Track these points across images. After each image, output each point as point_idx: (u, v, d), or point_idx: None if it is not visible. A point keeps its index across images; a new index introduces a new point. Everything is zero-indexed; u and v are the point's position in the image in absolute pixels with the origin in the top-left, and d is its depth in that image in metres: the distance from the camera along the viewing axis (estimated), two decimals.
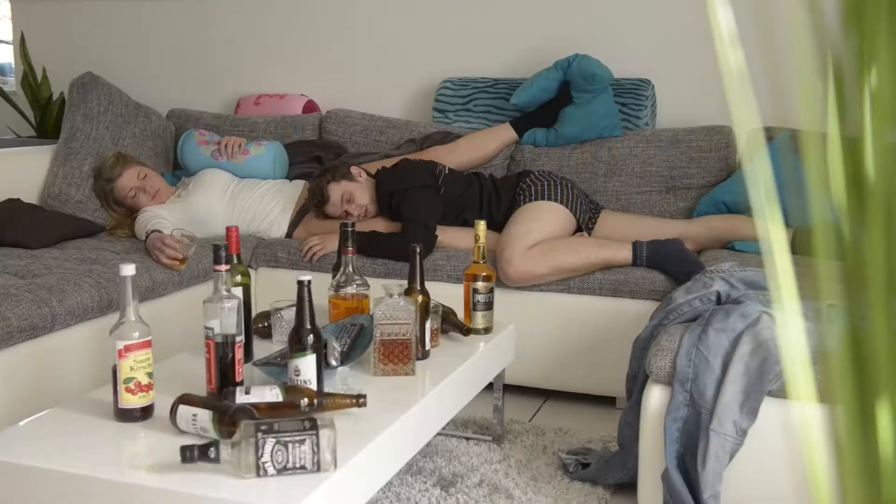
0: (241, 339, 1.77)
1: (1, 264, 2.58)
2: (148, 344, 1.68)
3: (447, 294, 2.58)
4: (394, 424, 1.70)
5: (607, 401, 2.88)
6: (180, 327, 2.75)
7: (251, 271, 3.17)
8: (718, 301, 2.08)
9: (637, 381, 2.19)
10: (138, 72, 4.33)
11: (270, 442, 1.44)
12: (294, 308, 2.23)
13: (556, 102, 3.40)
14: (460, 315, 2.35)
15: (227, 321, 1.75)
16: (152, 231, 2.86)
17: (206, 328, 1.76)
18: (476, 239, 2.33)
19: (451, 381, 2.01)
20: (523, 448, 2.47)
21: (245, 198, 3.28)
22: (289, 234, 3.25)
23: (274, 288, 2.88)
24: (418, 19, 3.88)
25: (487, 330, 2.34)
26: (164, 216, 3.07)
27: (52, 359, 2.29)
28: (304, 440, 1.45)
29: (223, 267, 1.76)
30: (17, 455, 1.56)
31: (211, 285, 2.92)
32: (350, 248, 2.22)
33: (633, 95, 3.44)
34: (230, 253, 2.05)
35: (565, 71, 3.34)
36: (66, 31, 4.47)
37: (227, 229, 2.06)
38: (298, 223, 3.25)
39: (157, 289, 2.67)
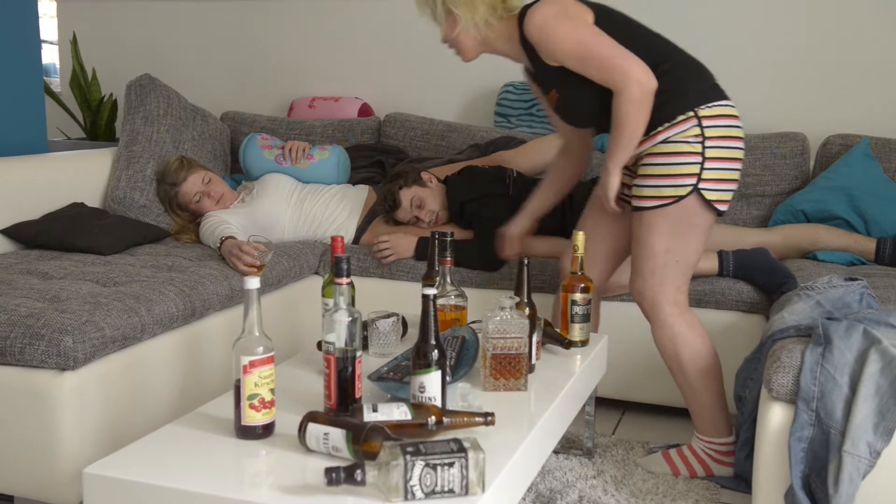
0: (360, 353, 1.72)
1: (80, 271, 2.53)
2: (271, 359, 1.63)
3: None
4: (525, 442, 1.65)
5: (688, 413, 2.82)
6: None
7: (316, 277, 3.14)
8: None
9: (746, 405, 2.16)
10: (186, 73, 4.29)
11: (419, 465, 1.38)
12: (390, 319, 2.20)
13: None
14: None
15: (346, 335, 1.70)
16: (227, 237, 2.81)
17: (326, 342, 1.70)
18: (574, 249, 2.28)
19: (564, 396, 1.96)
20: (615, 463, 2.42)
21: (311, 203, 3.23)
22: (356, 240, 3.20)
23: None
24: None
25: (584, 342, 2.29)
26: (230, 221, 3.02)
27: (142, 369, 2.24)
28: (454, 463, 1.40)
29: (344, 280, 1.71)
30: (140, 474, 1.51)
31: (287, 292, 2.93)
32: (448, 259, 2.17)
33: None
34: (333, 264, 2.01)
35: None
36: (113, 32, 4.43)
37: (333, 239, 2.01)
38: (366, 229, 3.20)
39: (234, 297, 2.62)
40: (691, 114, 2.20)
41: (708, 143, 2.19)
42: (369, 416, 1.60)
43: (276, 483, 1.50)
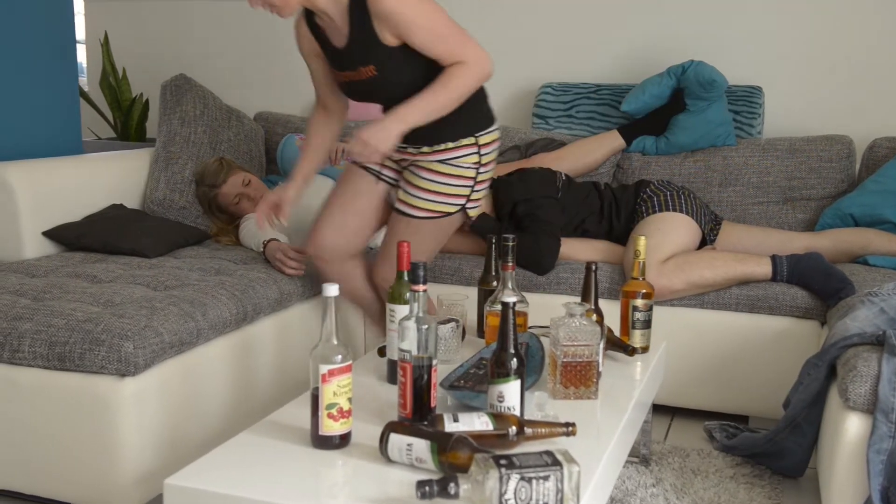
0: (436, 361, 1.69)
1: (129, 275, 2.50)
2: (349, 368, 1.60)
3: None
4: (608, 452, 1.62)
5: (738, 420, 2.79)
6: (307, 338, 2.68)
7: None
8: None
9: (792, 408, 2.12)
10: (216, 73, 4.25)
11: (514, 478, 1.35)
12: (450, 324, 2.16)
13: (666, 109, 3.32)
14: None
15: (422, 343, 1.66)
16: (269, 240, 2.77)
17: (402, 350, 1.67)
18: (636, 254, 2.24)
19: (636, 405, 1.92)
20: (672, 471, 2.38)
21: None
22: None
23: None
24: (517, 22, 3.79)
25: (645, 349, 2.26)
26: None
27: (197, 374, 2.21)
28: (549, 476, 1.37)
29: (421, 287, 1.68)
30: (219, 484, 1.48)
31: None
32: (510, 264, 2.14)
33: (745, 103, 3.35)
34: (401, 269, 1.98)
35: (678, 77, 3.25)
36: (141, 32, 4.40)
37: (399, 244, 1.97)
38: None
39: (283, 300, 2.59)
40: (473, 140, 2.36)
41: (482, 170, 2.41)
42: (450, 427, 1.57)
43: (356, 494, 1.47)
